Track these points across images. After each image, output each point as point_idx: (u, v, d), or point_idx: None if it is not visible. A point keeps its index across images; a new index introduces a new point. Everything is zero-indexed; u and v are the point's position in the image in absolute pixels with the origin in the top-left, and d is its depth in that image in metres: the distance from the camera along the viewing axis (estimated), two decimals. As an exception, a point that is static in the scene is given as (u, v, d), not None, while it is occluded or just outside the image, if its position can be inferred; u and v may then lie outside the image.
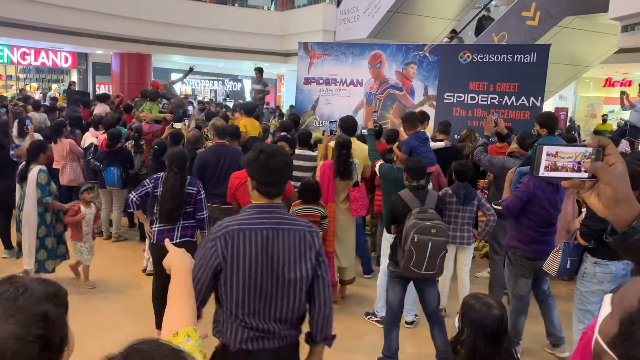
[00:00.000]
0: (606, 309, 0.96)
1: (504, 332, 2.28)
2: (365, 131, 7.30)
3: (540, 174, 1.18)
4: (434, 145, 6.15)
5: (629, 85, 17.42)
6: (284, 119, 9.04)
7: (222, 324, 2.19)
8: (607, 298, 0.99)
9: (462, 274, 5.01)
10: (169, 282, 4.50)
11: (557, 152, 1.17)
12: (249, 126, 7.08)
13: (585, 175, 1.16)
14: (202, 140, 5.92)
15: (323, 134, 6.02)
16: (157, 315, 4.33)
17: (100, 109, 9.66)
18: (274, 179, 2.17)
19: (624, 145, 8.62)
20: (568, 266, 3.79)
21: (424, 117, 6.57)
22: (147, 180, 4.20)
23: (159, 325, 4.33)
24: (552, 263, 3.85)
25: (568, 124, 16.27)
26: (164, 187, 4.09)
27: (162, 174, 4.19)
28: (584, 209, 4.05)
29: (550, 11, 9.94)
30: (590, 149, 1.16)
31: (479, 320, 2.26)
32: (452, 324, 2.46)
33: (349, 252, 5.27)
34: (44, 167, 5.30)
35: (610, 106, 19.88)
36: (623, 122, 10.12)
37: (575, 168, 1.16)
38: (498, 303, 2.35)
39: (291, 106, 12.39)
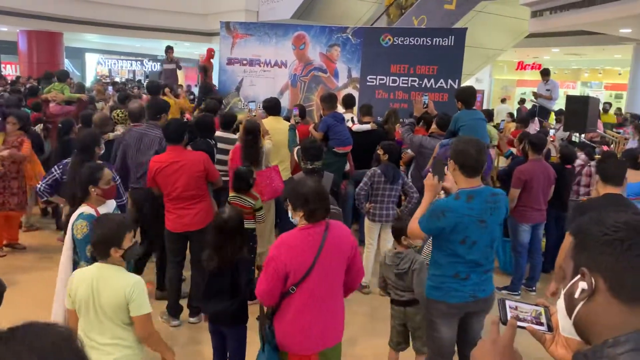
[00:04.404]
0: None
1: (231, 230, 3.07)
2: (295, 112, 7.30)
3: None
4: (360, 127, 6.17)
5: (539, 68, 18.43)
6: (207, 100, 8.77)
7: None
8: None
9: (385, 250, 5.13)
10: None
11: (517, 307, 1.30)
12: None
13: (544, 328, 1.27)
14: (110, 123, 5.61)
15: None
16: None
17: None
18: None
19: (535, 125, 9.15)
20: None
21: (350, 102, 6.63)
22: (56, 166, 3.98)
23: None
24: None
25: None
26: (68, 173, 3.87)
27: (70, 159, 3.96)
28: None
29: (467, -4, 10.29)
30: (540, 308, 1.30)
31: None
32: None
33: (264, 239, 5.12)
34: (90, 210, 3.18)
35: (523, 88, 21.04)
36: (533, 103, 10.76)
37: (534, 322, 1.28)
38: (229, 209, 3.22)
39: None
